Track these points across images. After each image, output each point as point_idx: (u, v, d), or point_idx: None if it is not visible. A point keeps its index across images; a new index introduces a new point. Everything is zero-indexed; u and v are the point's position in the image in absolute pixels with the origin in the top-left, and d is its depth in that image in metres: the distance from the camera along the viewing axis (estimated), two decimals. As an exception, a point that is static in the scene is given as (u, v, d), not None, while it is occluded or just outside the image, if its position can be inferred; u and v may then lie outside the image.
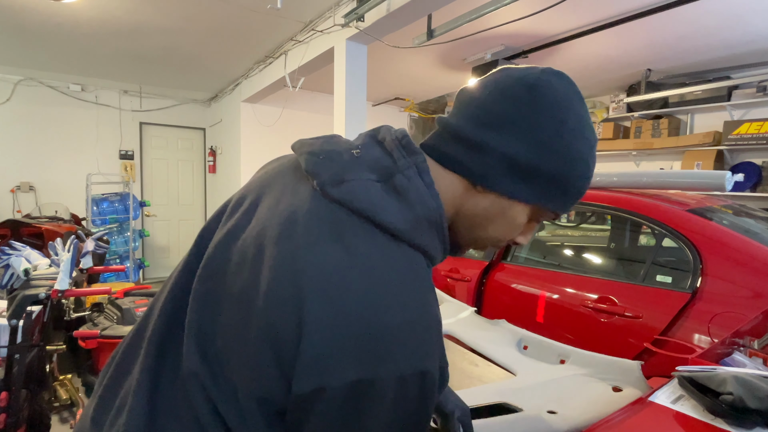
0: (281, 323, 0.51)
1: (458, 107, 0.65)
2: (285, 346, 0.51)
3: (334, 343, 0.49)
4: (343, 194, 0.57)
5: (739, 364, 1.08)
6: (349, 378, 0.49)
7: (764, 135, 4.28)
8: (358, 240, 0.55)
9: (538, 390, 1.34)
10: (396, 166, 0.60)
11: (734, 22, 3.52)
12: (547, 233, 3.41)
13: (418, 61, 4.70)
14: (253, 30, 4.01)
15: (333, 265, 0.52)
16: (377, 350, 0.50)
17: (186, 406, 0.57)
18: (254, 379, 0.53)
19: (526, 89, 0.60)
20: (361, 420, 0.51)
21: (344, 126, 3.40)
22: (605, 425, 0.85)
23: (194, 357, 0.58)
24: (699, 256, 1.79)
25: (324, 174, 0.59)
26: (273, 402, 0.53)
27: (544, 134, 0.59)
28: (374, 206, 0.56)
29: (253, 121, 5.87)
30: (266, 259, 0.55)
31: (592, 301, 1.99)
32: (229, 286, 0.58)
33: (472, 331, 1.91)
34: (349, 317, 0.50)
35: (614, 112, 5.63)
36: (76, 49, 4.60)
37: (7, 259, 2.36)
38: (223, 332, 0.57)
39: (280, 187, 0.64)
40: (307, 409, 0.51)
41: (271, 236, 0.57)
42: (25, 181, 5.56)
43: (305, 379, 0.50)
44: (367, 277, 0.52)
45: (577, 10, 3.37)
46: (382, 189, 0.57)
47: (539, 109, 0.59)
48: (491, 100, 0.61)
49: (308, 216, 0.56)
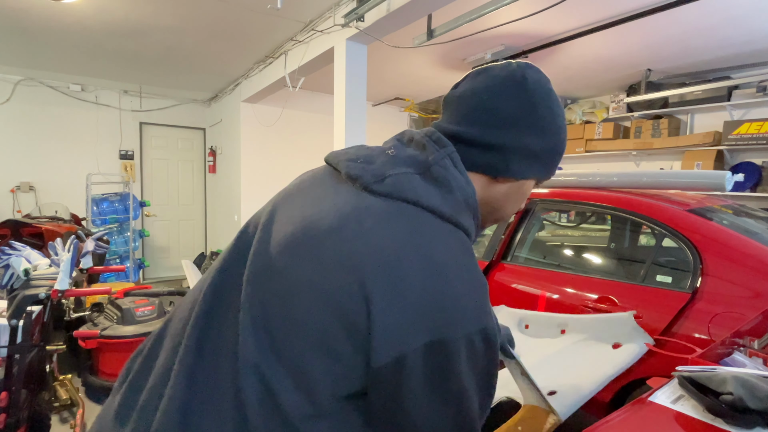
0: (351, 304, 0.56)
1: (457, 113, 0.71)
2: (357, 324, 0.56)
3: (404, 313, 0.55)
4: (388, 188, 0.63)
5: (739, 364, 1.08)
6: (422, 342, 0.55)
7: (764, 135, 4.28)
8: (410, 222, 0.61)
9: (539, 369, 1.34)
10: (430, 159, 0.66)
11: (734, 22, 3.52)
12: (547, 233, 3.41)
13: (418, 61, 4.70)
14: (253, 30, 4.01)
15: (391, 245, 0.58)
16: (444, 316, 0.56)
17: (230, 403, 0.59)
18: (328, 362, 0.57)
19: (518, 87, 0.69)
20: (441, 381, 0.57)
21: (344, 126, 3.40)
22: (605, 425, 0.85)
23: (253, 349, 0.59)
24: (699, 256, 1.80)
25: (366, 175, 0.65)
26: (348, 383, 0.58)
27: (544, 121, 0.70)
28: (418, 194, 0.62)
29: (253, 121, 5.87)
30: (325, 250, 0.59)
31: (592, 301, 1.99)
32: (287, 280, 0.60)
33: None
34: (414, 289, 0.56)
35: (614, 112, 5.63)
36: (76, 49, 4.60)
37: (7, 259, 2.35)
38: (287, 322, 0.59)
39: (319, 191, 0.69)
40: (390, 381, 0.56)
41: (324, 229, 0.61)
42: (25, 181, 5.56)
43: (383, 350, 0.55)
44: (425, 252, 0.58)
45: (577, 10, 3.37)
46: (421, 179, 0.64)
47: (535, 102, 0.69)
48: (492, 103, 0.69)
49: (359, 209, 0.62)
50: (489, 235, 2.85)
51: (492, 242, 2.59)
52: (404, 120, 7.17)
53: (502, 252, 2.52)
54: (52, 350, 2.19)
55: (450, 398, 0.59)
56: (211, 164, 6.80)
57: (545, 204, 2.61)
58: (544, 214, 2.88)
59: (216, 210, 6.75)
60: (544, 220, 3.19)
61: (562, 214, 4.16)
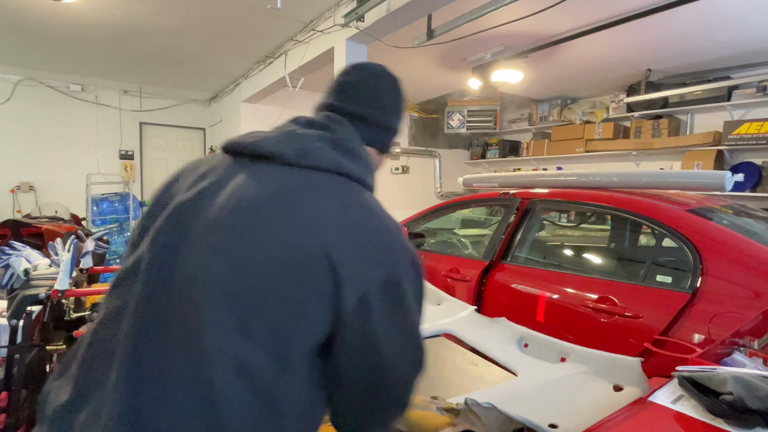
0: (315, 262, 0.64)
1: (354, 97, 0.86)
2: (321, 277, 0.64)
3: (360, 257, 0.67)
4: (312, 160, 0.73)
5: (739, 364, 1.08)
6: (378, 278, 0.67)
7: (764, 135, 4.28)
8: (341, 186, 0.74)
9: (540, 394, 1.34)
10: (339, 135, 0.79)
11: (734, 22, 3.52)
12: (548, 233, 3.41)
13: (418, 61, 4.70)
14: (253, 30, 4.01)
15: (334, 206, 0.70)
16: (389, 252, 0.71)
17: (192, 396, 0.60)
18: (296, 320, 0.64)
19: (393, 80, 0.90)
20: (396, 308, 0.69)
21: (344, 126, 3.40)
22: (605, 425, 0.85)
23: (219, 335, 0.61)
24: (699, 256, 1.79)
25: (289, 150, 0.74)
26: (314, 335, 0.65)
27: (403, 110, 0.94)
28: (338, 162, 0.75)
29: (253, 121, 5.87)
30: (277, 222, 0.66)
31: (592, 301, 1.99)
32: (247, 259, 0.64)
33: (472, 329, 1.91)
34: (364, 236, 0.69)
35: (614, 112, 5.62)
36: (76, 49, 4.60)
37: (7, 259, 2.35)
38: (253, 297, 0.63)
39: (236, 172, 0.74)
40: (358, 320, 0.66)
41: (266, 204, 0.68)
42: (25, 181, 5.55)
43: (348, 293, 0.64)
44: (361, 208, 0.73)
45: (577, 10, 3.37)
46: (336, 152, 0.76)
47: (402, 94, 0.92)
48: (380, 92, 0.88)
49: (293, 181, 0.71)
50: (489, 235, 2.85)
51: (492, 242, 2.59)
52: (404, 120, 7.16)
53: (502, 252, 2.51)
54: (52, 350, 2.19)
55: (405, 321, 0.71)
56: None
57: (545, 204, 2.61)
58: (544, 214, 2.88)
59: (216, 210, 6.74)
60: (544, 220, 3.19)
61: (562, 214, 4.16)
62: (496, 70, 4.37)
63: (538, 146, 6.54)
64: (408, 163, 7.14)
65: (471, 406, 1.05)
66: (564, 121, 6.14)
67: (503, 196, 2.80)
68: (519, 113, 7.02)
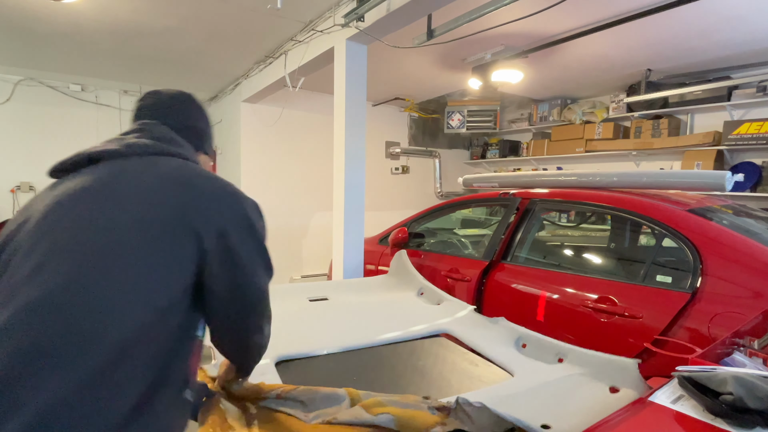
0: (181, 216, 0.84)
1: (159, 114, 1.08)
2: (187, 226, 0.84)
3: (214, 203, 0.90)
4: (139, 149, 0.94)
5: (739, 364, 1.08)
6: (231, 214, 0.91)
7: (764, 135, 4.28)
8: (180, 162, 0.97)
9: (535, 394, 1.34)
10: (154, 133, 1.01)
11: (734, 22, 3.52)
12: (548, 233, 3.41)
13: (418, 61, 4.70)
14: (253, 30, 4.00)
15: (184, 173, 0.93)
16: (233, 198, 0.94)
17: (84, 343, 0.71)
18: (171, 263, 0.82)
19: (188, 97, 1.15)
20: (249, 235, 0.93)
21: (344, 126, 3.40)
22: (605, 425, 0.85)
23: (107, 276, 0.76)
24: (699, 256, 1.79)
25: (116, 147, 0.94)
26: (188, 273, 0.83)
27: (206, 117, 1.19)
28: (163, 148, 0.97)
29: (253, 121, 5.87)
30: (151, 192, 0.85)
31: (592, 301, 1.99)
32: (131, 228, 0.81)
33: (471, 329, 1.91)
34: (211, 189, 0.92)
35: (614, 112, 5.62)
36: (76, 49, 4.60)
37: (7, 259, 2.35)
38: (136, 251, 0.79)
39: (67, 185, 0.90)
40: (222, 249, 0.87)
41: (140, 183, 0.87)
42: (25, 181, 5.55)
43: (209, 232, 0.86)
44: (200, 172, 0.96)
45: (577, 10, 3.37)
46: (158, 142, 0.98)
47: (200, 107, 1.18)
48: (183, 105, 1.13)
49: (145, 164, 0.92)
50: (489, 235, 2.85)
51: (492, 242, 2.59)
52: (404, 120, 7.16)
53: (502, 252, 2.52)
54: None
55: (255, 242, 0.94)
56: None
57: (545, 204, 2.61)
58: (544, 214, 2.88)
59: (216, 210, 6.74)
60: (544, 220, 3.19)
61: (562, 214, 4.16)
62: (496, 70, 4.37)
63: (538, 146, 6.54)
64: (408, 163, 7.14)
65: (462, 405, 1.05)
66: (564, 121, 6.15)
67: (503, 196, 2.80)
68: (519, 113, 7.02)
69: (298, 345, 1.65)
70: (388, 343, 1.78)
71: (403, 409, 1.08)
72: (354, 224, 3.42)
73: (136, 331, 0.74)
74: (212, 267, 0.86)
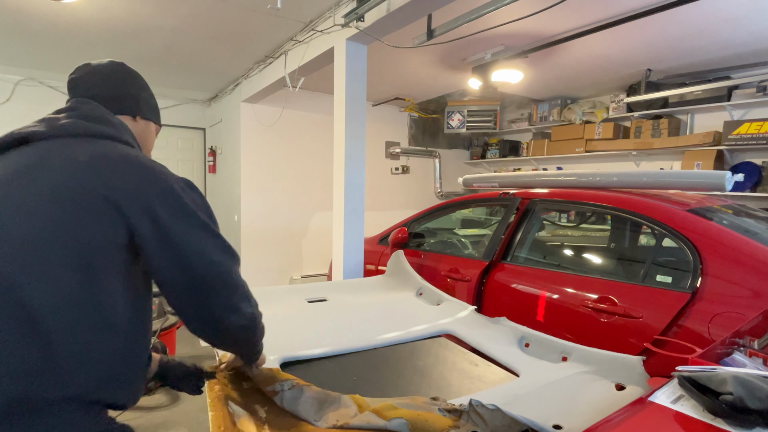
0: (105, 198, 0.87)
1: (93, 85, 1.10)
2: (113, 207, 0.87)
3: (137, 184, 0.91)
4: (65, 130, 0.97)
5: (739, 364, 1.08)
6: (155, 191, 0.92)
7: (764, 135, 4.28)
8: (105, 143, 0.98)
9: (543, 394, 1.33)
10: (84, 111, 1.02)
11: (734, 22, 3.52)
12: (548, 233, 3.41)
13: (418, 61, 4.70)
14: (253, 30, 4.01)
15: (108, 156, 0.94)
16: (150, 176, 0.94)
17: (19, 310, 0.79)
18: (106, 243, 0.87)
19: (118, 66, 1.17)
20: (178, 208, 0.93)
21: (344, 126, 3.40)
22: (605, 425, 0.85)
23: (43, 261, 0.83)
24: (699, 256, 1.79)
25: (42, 129, 0.98)
26: (120, 249, 0.88)
27: (142, 83, 1.20)
28: (88, 128, 0.99)
29: (253, 121, 5.87)
30: (58, 170, 0.90)
31: (592, 301, 1.99)
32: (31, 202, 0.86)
33: (472, 330, 1.91)
34: (133, 171, 0.93)
35: (614, 112, 5.62)
36: (76, 49, 4.60)
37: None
38: (40, 228, 0.84)
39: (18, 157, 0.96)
40: (151, 225, 0.89)
41: (74, 164, 0.91)
42: (25, 181, 5.56)
43: (136, 211, 0.89)
44: (123, 154, 0.97)
45: (577, 10, 3.37)
46: (86, 122, 1.00)
47: (131, 73, 1.19)
48: (114, 75, 1.14)
49: (54, 148, 0.94)
50: (489, 235, 2.85)
51: (492, 242, 2.59)
52: (404, 120, 7.16)
53: (502, 252, 2.51)
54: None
55: (191, 219, 0.94)
56: (211, 164, 6.80)
57: (545, 204, 2.61)
58: (544, 214, 2.88)
59: (216, 210, 6.61)
60: (544, 220, 3.19)
61: (562, 214, 4.16)
62: (496, 70, 4.37)
63: (538, 146, 6.55)
64: (408, 163, 7.14)
65: (476, 407, 1.04)
66: (564, 121, 6.15)
67: (503, 196, 2.80)
68: (519, 113, 7.02)
69: (301, 347, 1.64)
70: (391, 345, 1.77)
71: (414, 411, 1.08)
72: (354, 224, 3.42)
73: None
74: (147, 248, 0.90)
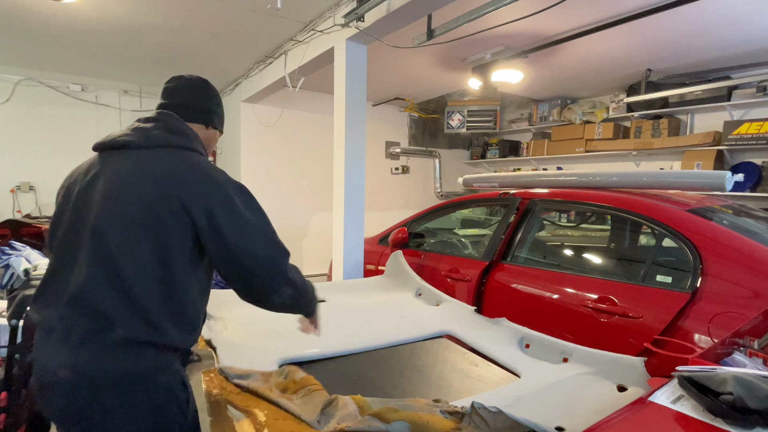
0: (176, 203, 1.10)
1: (178, 95, 1.33)
2: (181, 209, 1.11)
3: (200, 191, 1.14)
4: (153, 141, 1.19)
5: (739, 364, 1.08)
6: (216, 198, 1.14)
7: (764, 135, 4.28)
8: (178, 154, 1.20)
9: (545, 396, 1.33)
10: (167, 124, 1.24)
11: (734, 22, 3.52)
12: (548, 233, 3.41)
13: (418, 61, 4.70)
14: (253, 30, 4.01)
15: (177, 167, 1.16)
16: (215, 185, 1.16)
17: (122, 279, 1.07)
18: (173, 239, 1.11)
19: (204, 82, 1.38)
20: (233, 213, 1.15)
21: (344, 126, 3.40)
22: (605, 425, 0.85)
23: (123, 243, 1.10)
24: (699, 256, 1.79)
25: (137, 139, 1.20)
26: (187, 246, 1.13)
27: (217, 98, 1.42)
28: (171, 141, 1.21)
29: (253, 121, 5.87)
30: (149, 180, 1.13)
31: (592, 301, 1.99)
32: (129, 201, 1.12)
33: (472, 330, 1.91)
34: (199, 178, 1.16)
35: (614, 112, 5.63)
36: (76, 49, 4.60)
37: (7, 259, 2.36)
38: (132, 223, 1.11)
39: (103, 163, 1.22)
40: (211, 227, 1.12)
41: (131, 174, 1.15)
42: (25, 181, 5.56)
43: (199, 214, 1.11)
44: (190, 165, 1.18)
45: (577, 10, 3.37)
46: (169, 134, 1.22)
47: (212, 90, 1.41)
48: (197, 89, 1.36)
49: (153, 157, 1.18)
50: (489, 235, 2.85)
51: (492, 242, 2.59)
52: (404, 120, 7.16)
53: (502, 252, 2.51)
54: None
55: (242, 218, 1.16)
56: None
57: (545, 204, 2.61)
58: (544, 214, 2.88)
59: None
60: (544, 220, 3.19)
61: (562, 214, 4.16)
62: (496, 70, 4.37)
63: (538, 146, 6.55)
64: (408, 163, 7.15)
65: (478, 409, 1.04)
66: (564, 121, 6.15)
67: (503, 196, 2.80)
68: (519, 113, 7.02)
69: (300, 348, 1.64)
70: (391, 345, 1.77)
71: (416, 414, 1.07)
72: (354, 224, 3.42)
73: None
74: (204, 240, 1.13)
